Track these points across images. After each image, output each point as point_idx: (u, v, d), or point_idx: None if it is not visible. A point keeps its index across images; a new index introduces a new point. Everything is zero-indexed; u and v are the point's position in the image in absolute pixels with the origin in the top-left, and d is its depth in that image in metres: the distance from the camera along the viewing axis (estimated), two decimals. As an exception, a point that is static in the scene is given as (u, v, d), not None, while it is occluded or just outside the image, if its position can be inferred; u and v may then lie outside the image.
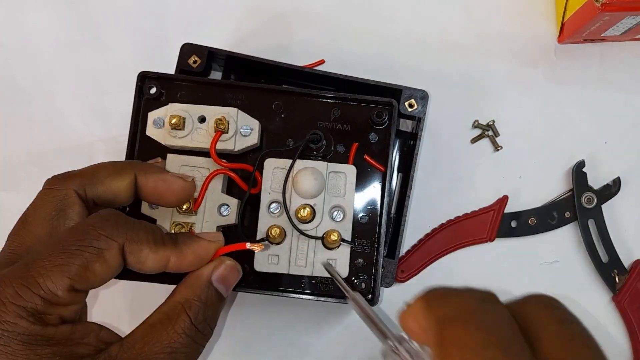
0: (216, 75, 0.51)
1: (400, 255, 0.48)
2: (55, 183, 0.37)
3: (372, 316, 0.34)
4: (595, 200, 0.48)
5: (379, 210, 0.44)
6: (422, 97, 0.47)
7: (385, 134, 0.44)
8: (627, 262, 0.48)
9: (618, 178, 0.48)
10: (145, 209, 0.42)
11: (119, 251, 0.34)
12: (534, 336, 0.26)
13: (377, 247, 0.43)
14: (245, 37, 0.52)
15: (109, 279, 0.34)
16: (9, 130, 0.51)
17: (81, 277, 0.32)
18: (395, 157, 0.49)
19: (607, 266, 0.48)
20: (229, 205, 0.42)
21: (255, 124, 0.43)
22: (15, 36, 0.53)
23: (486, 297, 0.27)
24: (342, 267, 0.41)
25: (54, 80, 0.51)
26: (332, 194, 0.42)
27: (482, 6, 0.52)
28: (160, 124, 0.43)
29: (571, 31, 0.49)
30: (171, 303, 0.36)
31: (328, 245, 0.41)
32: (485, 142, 0.51)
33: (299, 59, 0.50)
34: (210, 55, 0.48)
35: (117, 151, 0.49)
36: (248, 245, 0.38)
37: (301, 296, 0.43)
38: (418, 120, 0.47)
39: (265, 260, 0.41)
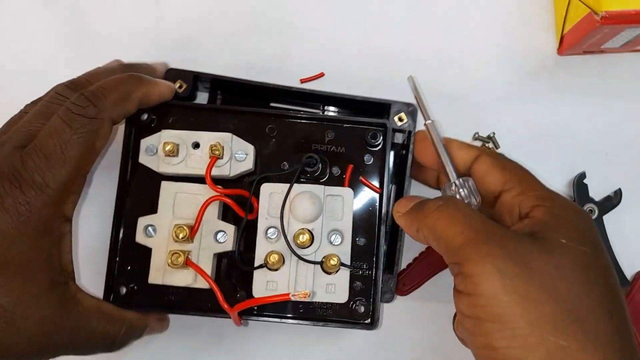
0: (203, 95, 0.50)
1: (402, 268, 0.48)
2: (91, 111, 0.39)
3: (442, 146, 0.40)
4: (596, 211, 0.48)
5: (376, 232, 0.43)
6: (411, 110, 0.46)
7: (380, 155, 0.44)
8: (629, 273, 0.48)
9: (619, 189, 0.48)
10: (140, 237, 0.42)
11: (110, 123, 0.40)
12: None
13: (376, 270, 0.43)
14: (241, 51, 0.52)
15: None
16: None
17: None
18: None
19: (609, 277, 0.48)
20: (225, 232, 0.42)
21: (250, 148, 0.43)
22: (10, 43, 0.52)
23: None
24: (342, 292, 0.41)
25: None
26: (330, 217, 0.42)
27: (482, 19, 0.52)
28: (153, 151, 0.42)
29: (571, 43, 0.48)
30: None
31: (327, 270, 0.41)
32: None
33: (296, 72, 0.50)
34: (196, 79, 0.48)
35: (110, 163, 0.48)
36: (292, 297, 0.38)
37: (300, 322, 0.43)
38: (408, 133, 0.47)
39: (264, 287, 0.41)
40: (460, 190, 0.38)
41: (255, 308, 0.43)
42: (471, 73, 0.51)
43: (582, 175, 0.48)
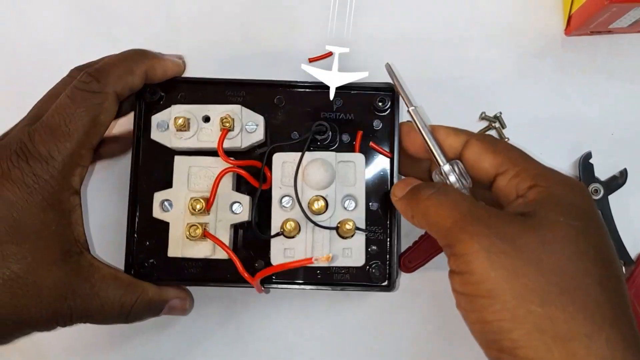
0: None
1: (408, 246, 0.49)
2: (94, 86, 0.40)
3: (428, 131, 0.40)
4: (602, 191, 0.48)
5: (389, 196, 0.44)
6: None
7: (389, 120, 0.45)
8: (633, 253, 0.48)
9: (625, 169, 0.48)
10: (157, 212, 0.42)
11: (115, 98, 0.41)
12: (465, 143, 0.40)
13: (390, 233, 0.43)
14: (251, 31, 0.52)
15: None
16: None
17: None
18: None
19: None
20: (240, 203, 0.42)
21: (259, 119, 0.43)
22: (22, 30, 0.52)
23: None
24: (359, 256, 0.42)
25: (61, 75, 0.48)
26: (342, 183, 0.42)
27: (489, -1, 0.51)
28: (164, 127, 0.42)
29: (578, 23, 0.48)
30: None
31: (343, 235, 0.41)
32: (492, 134, 0.50)
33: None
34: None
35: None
36: (314, 261, 0.38)
37: (319, 287, 0.43)
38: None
39: (282, 255, 0.41)
40: (450, 174, 0.39)
41: (274, 276, 0.43)
42: (478, 53, 0.51)
43: (588, 155, 0.48)
